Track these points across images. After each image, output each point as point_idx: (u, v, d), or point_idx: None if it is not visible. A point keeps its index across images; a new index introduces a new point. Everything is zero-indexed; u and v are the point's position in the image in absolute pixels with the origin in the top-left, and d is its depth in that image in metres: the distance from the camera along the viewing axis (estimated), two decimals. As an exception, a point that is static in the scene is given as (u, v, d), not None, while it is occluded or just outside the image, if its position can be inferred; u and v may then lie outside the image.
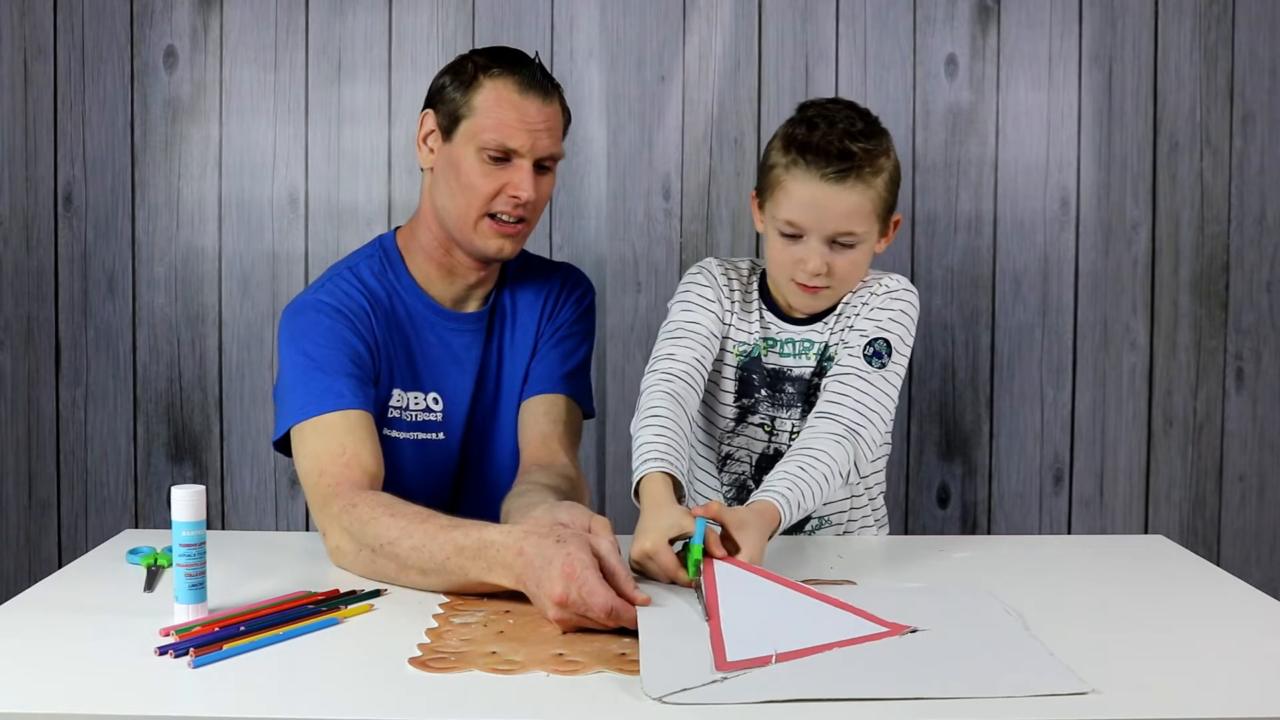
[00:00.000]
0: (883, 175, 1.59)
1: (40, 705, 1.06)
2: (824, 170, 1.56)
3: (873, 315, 1.65)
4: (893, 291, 1.66)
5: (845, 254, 1.60)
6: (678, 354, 1.63)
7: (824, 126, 1.58)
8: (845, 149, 1.56)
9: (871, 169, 1.58)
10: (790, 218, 1.59)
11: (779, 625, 1.22)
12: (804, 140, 1.58)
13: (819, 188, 1.57)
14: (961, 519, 2.55)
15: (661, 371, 1.61)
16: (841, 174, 1.56)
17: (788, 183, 1.59)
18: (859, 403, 1.58)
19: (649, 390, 1.59)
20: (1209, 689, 1.12)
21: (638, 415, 1.56)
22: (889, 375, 1.61)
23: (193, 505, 1.27)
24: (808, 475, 1.49)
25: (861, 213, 1.58)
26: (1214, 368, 2.54)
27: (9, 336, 2.53)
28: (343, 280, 1.69)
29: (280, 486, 2.53)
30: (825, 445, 1.53)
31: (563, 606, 1.23)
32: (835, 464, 1.52)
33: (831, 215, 1.58)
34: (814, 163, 1.57)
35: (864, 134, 1.59)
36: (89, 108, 2.50)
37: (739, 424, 1.72)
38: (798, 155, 1.58)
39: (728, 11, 2.48)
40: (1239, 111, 2.50)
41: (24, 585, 1.51)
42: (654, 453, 1.49)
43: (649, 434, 1.52)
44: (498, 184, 1.64)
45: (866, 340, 1.62)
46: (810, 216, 1.58)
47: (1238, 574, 1.51)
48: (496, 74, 1.64)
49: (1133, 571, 1.54)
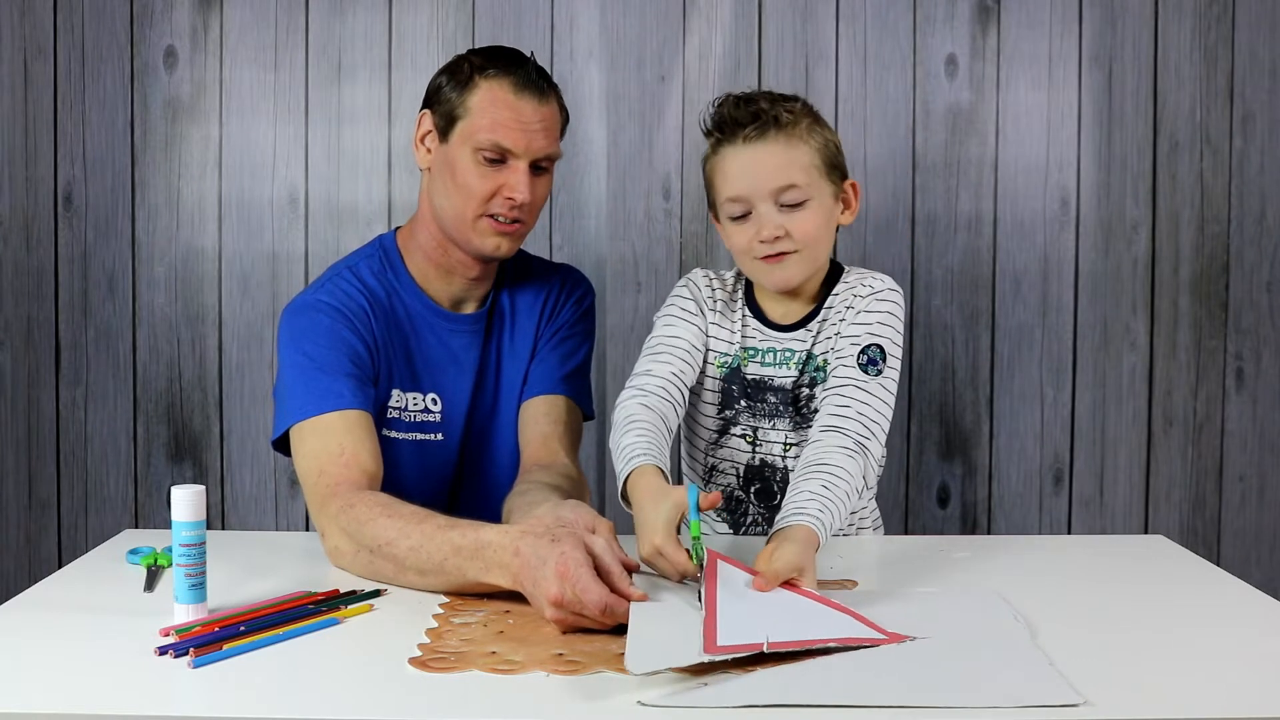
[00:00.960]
0: (803, 126, 1.60)
1: (40, 705, 1.06)
2: (744, 133, 1.59)
3: (860, 320, 1.63)
4: (877, 293, 1.64)
5: (797, 213, 1.60)
6: (654, 369, 1.63)
7: (732, 101, 1.63)
8: (758, 110, 1.60)
9: (792, 121, 1.60)
10: (730, 193, 1.61)
11: (774, 618, 1.22)
12: (717, 118, 1.63)
13: (743, 151, 1.60)
14: (961, 519, 2.55)
15: (636, 388, 1.61)
16: (760, 130, 1.59)
17: (719, 164, 1.63)
18: (862, 414, 1.56)
19: (622, 404, 1.59)
20: (1209, 689, 1.12)
21: (615, 429, 1.56)
22: (885, 382, 1.59)
23: (193, 505, 1.27)
24: (833, 494, 1.46)
25: (795, 164, 1.59)
26: (1214, 368, 2.54)
27: (9, 336, 2.53)
28: (343, 280, 1.69)
29: (280, 486, 2.53)
30: (841, 460, 1.50)
31: (558, 606, 1.23)
32: (852, 480, 1.49)
33: (764, 172, 1.59)
34: (731, 131, 1.61)
35: (777, 100, 1.62)
36: (89, 108, 2.50)
37: (722, 435, 1.72)
38: (717, 134, 1.63)
39: (728, 11, 2.48)
40: (1239, 111, 2.50)
41: (24, 585, 1.51)
42: (638, 449, 1.48)
43: (630, 438, 1.51)
44: (493, 185, 1.64)
45: (859, 348, 1.60)
46: (745, 182, 1.60)
47: (1238, 574, 1.51)
48: (492, 74, 1.64)
49: (1133, 571, 1.54)
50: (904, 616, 1.26)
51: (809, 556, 1.36)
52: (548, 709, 1.07)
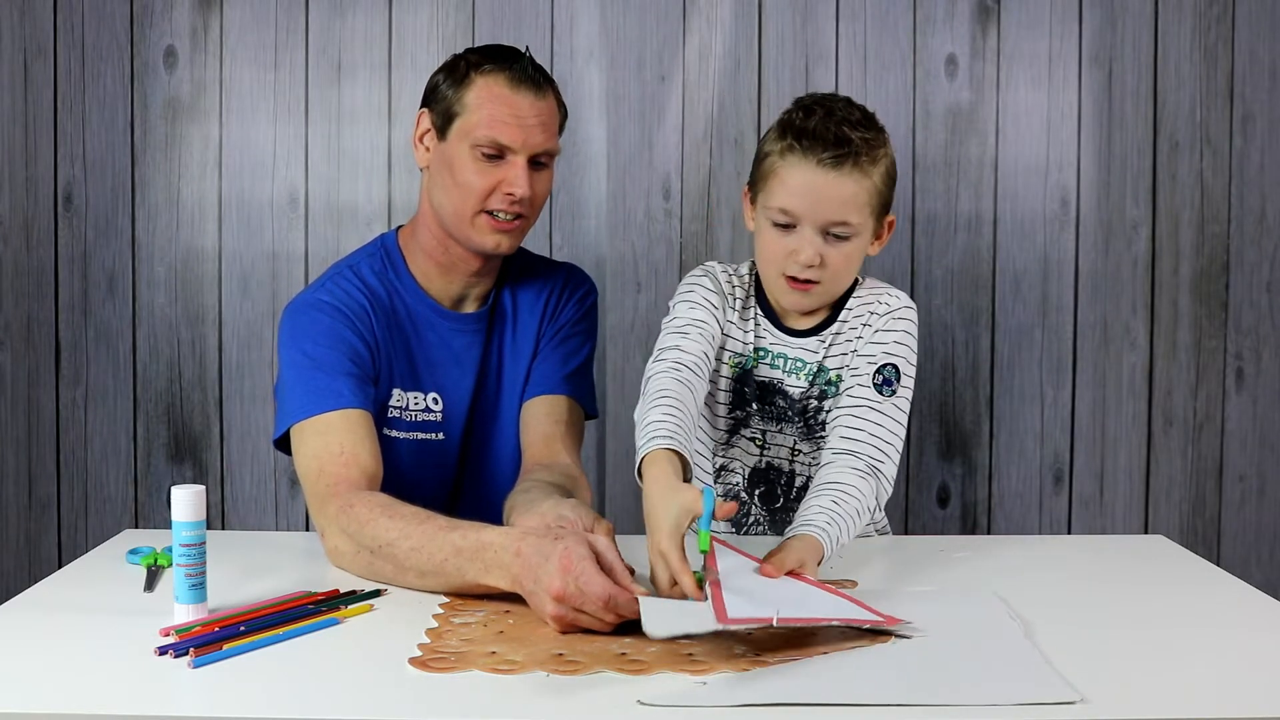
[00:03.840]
0: (879, 167, 1.57)
1: (40, 705, 1.06)
2: (820, 156, 1.54)
3: (877, 339, 1.62)
4: (894, 311, 1.63)
5: (839, 246, 1.57)
6: (684, 345, 1.58)
7: (821, 114, 1.57)
8: (842, 135, 1.54)
9: (869, 158, 1.55)
10: (784, 205, 1.57)
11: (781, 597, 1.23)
12: (801, 126, 1.56)
13: (815, 173, 1.55)
14: (961, 519, 2.55)
15: (670, 361, 1.55)
16: (838, 160, 1.54)
17: (782, 169, 1.57)
18: (875, 436, 1.55)
19: (656, 375, 1.52)
20: (1208, 689, 1.12)
21: (643, 400, 1.49)
22: (899, 403, 1.59)
23: (193, 505, 1.27)
24: (842, 510, 1.45)
25: (856, 202, 1.56)
26: (1214, 368, 2.54)
27: (9, 336, 2.53)
28: (343, 279, 1.69)
29: (280, 486, 2.53)
30: (853, 481, 1.49)
31: (560, 601, 1.23)
32: (864, 500, 1.49)
33: (826, 202, 1.55)
34: (810, 148, 1.55)
35: (862, 124, 1.57)
36: (89, 108, 2.50)
37: (732, 435, 1.71)
38: (794, 141, 1.56)
39: (728, 11, 2.48)
40: (1239, 111, 2.50)
41: (24, 585, 1.51)
42: (662, 430, 1.41)
43: (657, 413, 1.44)
44: (492, 181, 1.64)
45: (875, 368, 1.59)
46: (805, 203, 1.56)
47: (1238, 574, 1.51)
48: (488, 70, 1.64)
49: (1133, 571, 1.54)
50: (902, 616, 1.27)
51: (812, 563, 1.37)
52: (548, 709, 1.07)
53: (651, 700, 1.06)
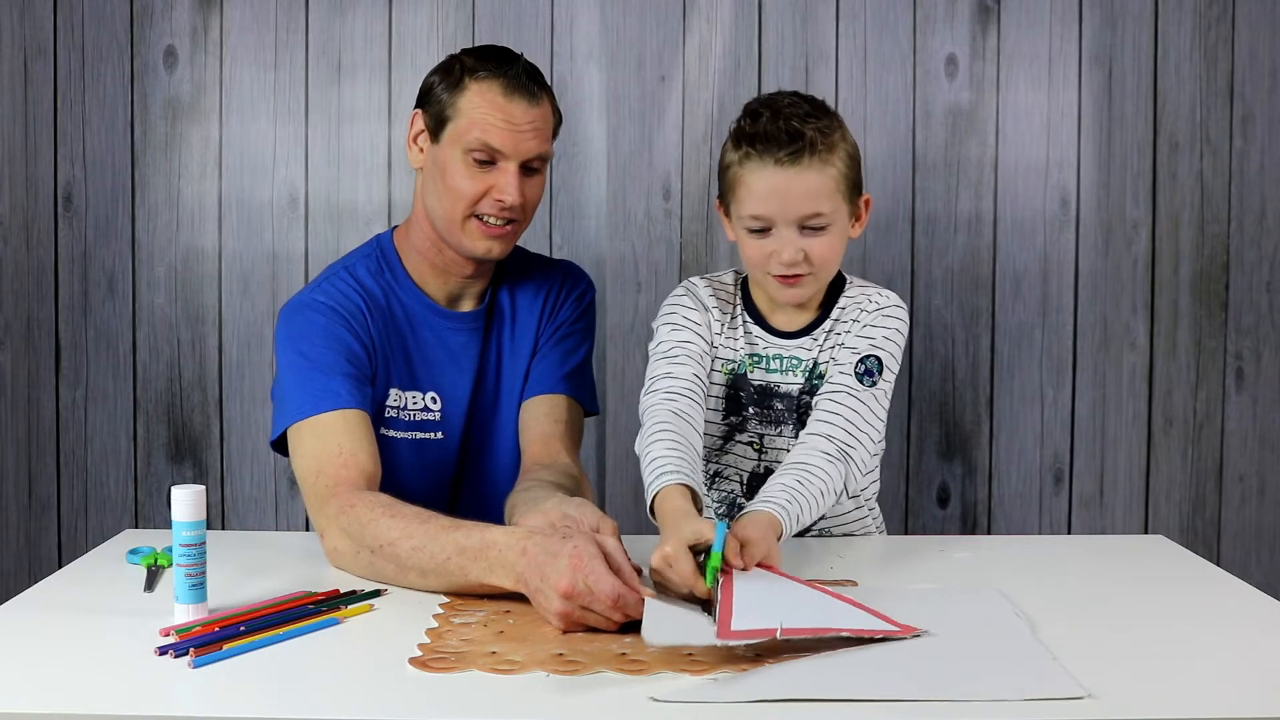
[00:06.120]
0: (838, 153, 1.58)
1: (40, 705, 1.06)
2: (777, 155, 1.56)
3: (865, 333, 1.64)
4: (884, 308, 1.65)
5: (818, 237, 1.59)
6: (676, 372, 1.62)
7: (769, 115, 1.58)
8: (794, 130, 1.56)
9: (825, 146, 1.57)
10: (755, 211, 1.58)
11: (787, 608, 1.23)
12: (752, 131, 1.58)
13: (776, 174, 1.56)
14: (961, 519, 2.55)
15: (663, 391, 1.59)
16: (795, 155, 1.55)
17: (745, 177, 1.59)
18: (850, 422, 1.57)
19: (652, 409, 1.57)
20: (1208, 689, 1.12)
21: (642, 434, 1.54)
22: (879, 394, 1.60)
23: (193, 505, 1.27)
24: (804, 490, 1.47)
25: (824, 192, 1.57)
26: (1214, 368, 2.54)
27: (9, 336, 2.53)
28: (339, 280, 1.69)
29: (280, 486, 2.53)
30: (820, 462, 1.51)
31: (568, 598, 1.23)
32: (830, 481, 1.50)
33: (794, 199, 1.57)
34: (766, 150, 1.57)
35: (811, 115, 1.58)
36: (89, 108, 2.50)
37: (727, 442, 1.71)
38: (749, 147, 1.58)
39: (728, 11, 2.48)
40: (1239, 111, 2.50)
41: (24, 585, 1.51)
42: (668, 466, 1.46)
43: (659, 448, 1.49)
44: (483, 186, 1.64)
45: (858, 358, 1.61)
46: (773, 205, 1.57)
47: (1238, 574, 1.51)
48: (482, 76, 1.64)
49: (1133, 571, 1.54)
50: (906, 614, 1.27)
51: (770, 538, 1.38)
52: (548, 709, 1.07)
53: (664, 697, 1.06)
